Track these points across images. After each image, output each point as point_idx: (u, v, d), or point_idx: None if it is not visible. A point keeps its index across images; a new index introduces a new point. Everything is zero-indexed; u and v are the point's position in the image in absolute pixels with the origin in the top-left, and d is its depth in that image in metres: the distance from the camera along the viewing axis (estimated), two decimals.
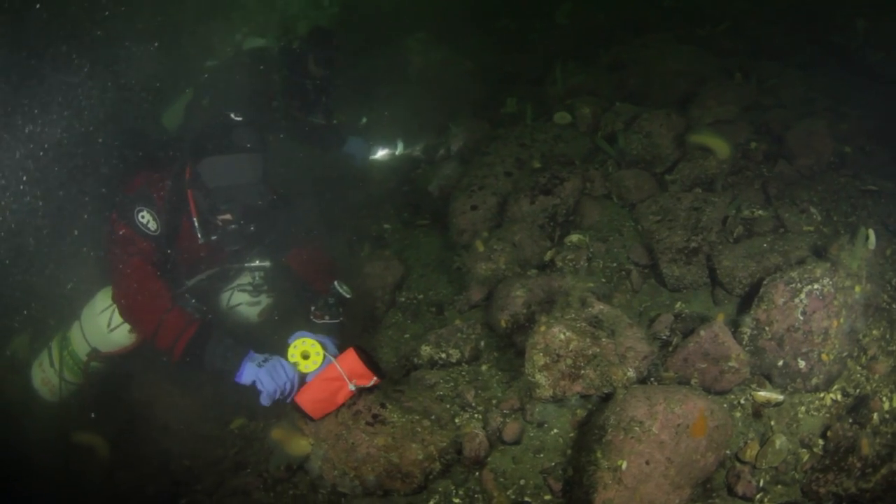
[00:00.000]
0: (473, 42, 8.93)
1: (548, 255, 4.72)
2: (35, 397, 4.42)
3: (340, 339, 4.01)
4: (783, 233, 4.40)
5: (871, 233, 3.70)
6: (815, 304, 3.49)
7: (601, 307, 3.75)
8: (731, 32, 7.38)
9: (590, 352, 3.50)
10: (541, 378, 3.56)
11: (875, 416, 3.26)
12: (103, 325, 4.09)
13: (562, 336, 3.53)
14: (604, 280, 4.49)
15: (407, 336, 4.68)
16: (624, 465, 2.99)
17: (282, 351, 3.71)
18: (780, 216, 4.55)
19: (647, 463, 2.99)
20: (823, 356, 3.47)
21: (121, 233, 3.87)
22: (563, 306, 3.74)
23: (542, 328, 3.59)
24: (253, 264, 4.37)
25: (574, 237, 4.77)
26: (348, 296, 4.22)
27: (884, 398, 3.37)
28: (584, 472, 3.13)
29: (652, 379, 3.59)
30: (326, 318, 4.20)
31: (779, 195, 4.77)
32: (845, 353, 3.56)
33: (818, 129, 5.09)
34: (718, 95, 5.65)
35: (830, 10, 7.08)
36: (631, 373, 3.49)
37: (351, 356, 3.57)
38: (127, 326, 4.04)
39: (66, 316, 4.34)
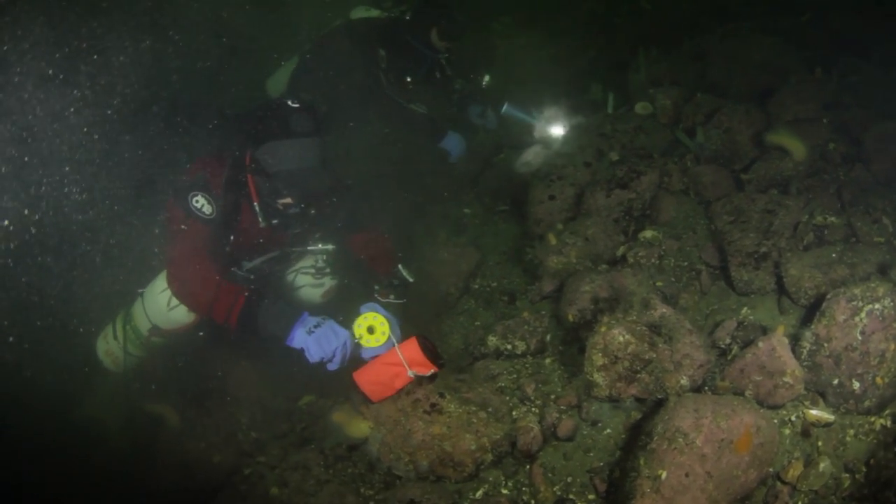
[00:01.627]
0: (558, 25, 8.65)
1: (620, 251, 4.62)
2: (99, 367, 4.63)
3: (404, 321, 4.05)
4: (854, 242, 4.15)
5: None
6: (874, 325, 3.28)
7: (663, 310, 3.66)
8: (814, 23, 6.91)
9: (646, 356, 3.43)
10: (598, 378, 3.51)
11: None
12: (163, 304, 4.24)
13: (621, 338, 3.46)
14: (673, 279, 4.36)
15: (477, 324, 4.69)
16: (664, 476, 2.92)
17: (347, 320, 3.77)
18: (852, 224, 4.27)
19: (687, 475, 2.91)
20: (878, 379, 3.27)
21: (176, 216, 3.96)
22: (625, 307, 3.67)
23: (603, 329, 3.53)
24: (315, 247, 4.41)
25: (648, 233, 4.65)
26: (411, 279, 4.32)
27: None
28: (627, 476, 3.08)
29: (707, 388, 3.49)
30: (391, 297, 4.30)
31: (853, 201, 4.49)
32: None
33: (894, 133, 4.74)
34: (798, 92, 5.32)
35: None
36: (685, 381, 3.40)
37: (413, 345, 3.62)
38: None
39: (131, 292, 4.50)
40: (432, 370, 3.64)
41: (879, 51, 6.22)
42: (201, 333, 4.39)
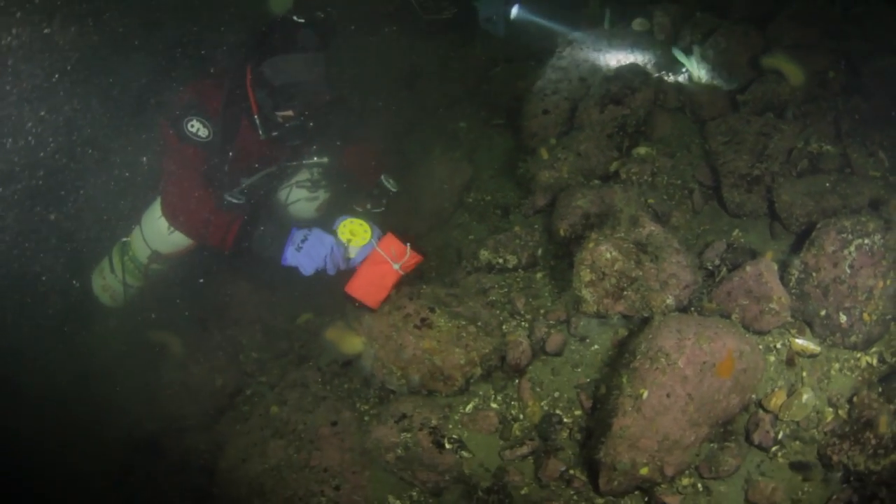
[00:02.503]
0: None
1: (613, 166, 4.55)
2: (95, 303, 4.65)
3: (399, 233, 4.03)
4: (848, 174, 4.07)
5: None
6: (863, 260, 3.24)
7: (652, 228, 3.62)
8: None
9: (633, 274, 3.42)
10: (586, 293, 3.51)
11: None
12: (163, 229, 4.23)
13: (608, 255, 3.45)
14: (665, 197, 4.31)
15: (471, 237, 4.69)
16: (645, 395, 2.94)
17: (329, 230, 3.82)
18: (848, 155, 4.18)
19: (668, 396, 2.93)
20: (865, 315, 3.24)
21: (170, 143, 3.96)
22: (613, 224, 3.64)
23: (591, 244, 3.51)
24: (311, 161, 4.40)
25: (642, 149, 4.58)
26: (394, 189, 4.37)
27: None
28: (611, 394, 3.11)
29: (693, 308, 3.47)
30: (368, 206, 4.37)
31: (850, 132, 4.37)
32: (889, 316, 3.29)
33: (894, 70, 4.57)
34: (799, 16, 5.12)
35: None
36: (670, 300, 3.39)
37: (389, 239, 3.71)
38: None
39: (125, 225, 4.50)
40: (416, 260, 3.73)
41: None
42: (205, 254, 4.40)
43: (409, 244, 3.73)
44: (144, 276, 4.48)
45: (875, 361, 3.27)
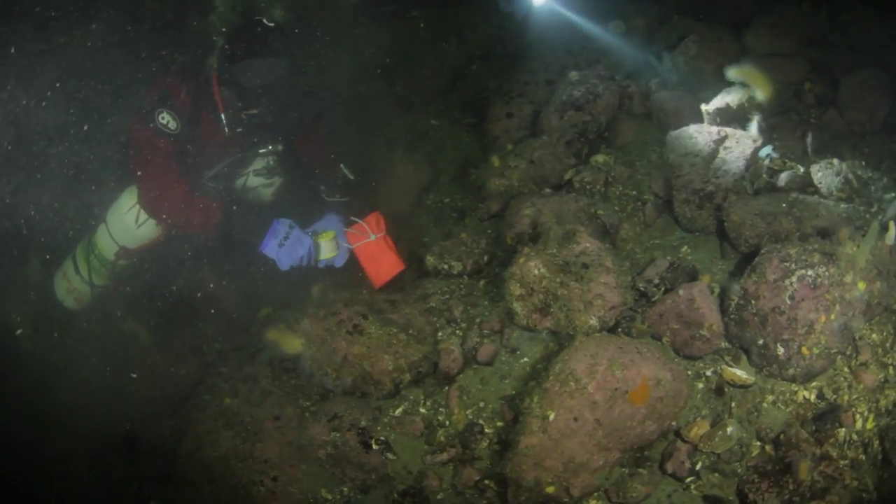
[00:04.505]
0: None
1: (568, 174, 4.49)
2: (59, 307, 4.68)
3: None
4: (811, 193, 3.87)
5: (892, 225, 3.20)
6: (804, 292, 3.07)
7: (587, 245, 3.54)
8: None
9: (558, 292, 3.38)
10: (517, 307, 3.50)
11: (841, 433, 2.91)
12: (131, 223, 4.29)
13: (536, 271, 3.42)
14: (616, 208, 4.25)
15: (426, 240, 4.71)
16: (552, 417, 2.90)
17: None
18: (812, 173, 3.95)
19: (575, 420, 2.89)
20: (804, 349, 3.08)
21: (143, 135, 4.05)
22: (546, 239, 3.58)
23: (522, 259, 3.48)
24: (266, 149, 4.46)
25: (600, 157, 4.52)
26: (352, 178, 4.53)
27: (857, 415, 2.97)
28: (521, 412, 3.08)
29: (621, 329, 3.42)
30: (337, 196, 4.52)
31: (820, 149, 4.24)
32: (835, 351, 3.12)
33: (875, 83, 4.42)
34: (776, 25, 4.99)
35: None
36: (593, 321, 3.34)
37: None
38: (154, 220, 4.24)
39: (87, 224, 4.53)
40: (399, 269, 4.19)
41: None
42: (171, 244, 4.47)
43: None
44: (111, 274, 4.54)
45: (813, 397, 3.13)
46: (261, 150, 4.46)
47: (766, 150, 4.15)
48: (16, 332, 4.77)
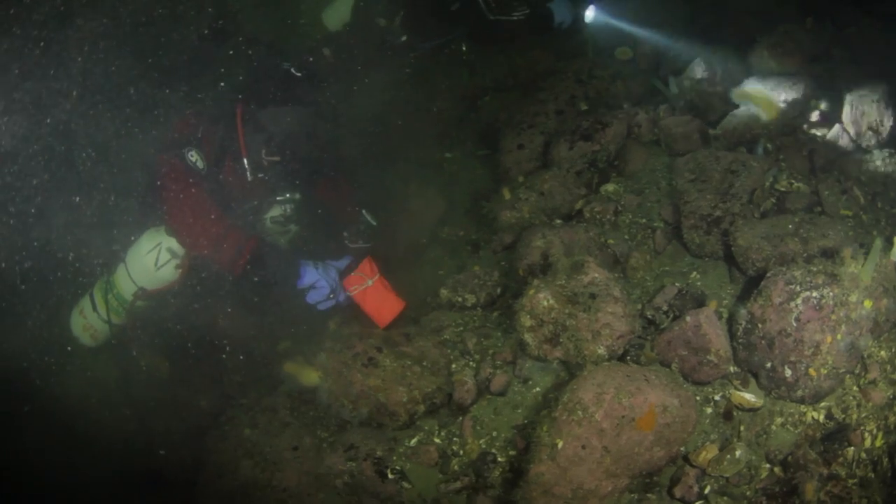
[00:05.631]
0: None
1: (578, 204, 4.64)
2: (75, 343, 4.82)
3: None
4: (818, 212, 3.97)
5: None
6: (809, 314, 3.14)
7: (595, 275, 3.68)
8: None
9: (567, 323, 3.52)
10: (528, 338, 3.63)
11: (850, 451, 2.98)
12: (150, 265, 4.42)
13: (545, 303, 3.56)
14: (626, 237, 4.39)
15: (442, 273, 4.87)
16: (560, 445, 3.03)
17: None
18: (819, 192, 4.07)
19: (583, 447, 3.01)
20: (811, 371, 3.15)
21: (172, 172, 4.19)
22: (556, 270, 3.73)
23: (532, 291, 3.62)
24: (283, 197, 4.63)
25: (610, 186, 4.66)
26: (374, 223, 4.66)
27: (867, 433, 3.02)
28: (531, 441, 3.22)
29: (629, 358, 3.55)
30: (360, 242, 4.66)
31: (826, 167, 4.30)
32: (843, 370, 3.19)
33: (881, 95, 4.44)
34: (780, 44, 5.08)
35: None
36: (602, 350, 3.47)
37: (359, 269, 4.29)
38: (174, 262, 4.39)
39: (106, 263, 4.66)
40: (400, 307, 4.23)
41: (886, 4, 5.85)
42: (192, 285, 4.59)
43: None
44: (128, 314, 4.66)
45: (822, 417, 3.19)
46: (278, 198, 4.63)
47: (773, 171, 4.24)
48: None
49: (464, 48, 5.75)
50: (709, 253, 4.09)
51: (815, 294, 3.16)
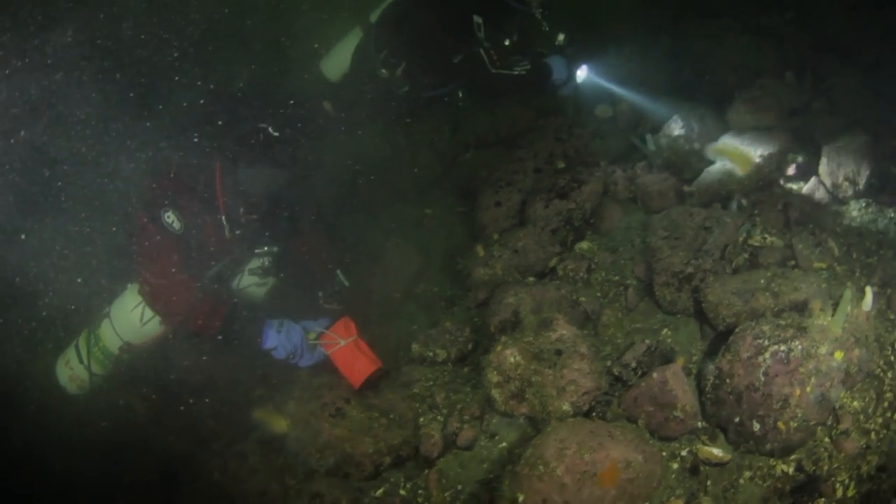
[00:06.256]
0: None
1: (552, 262, 4.74)
2: (61, 392, 4.82)
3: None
4: (792, 266, 4.03)
5: (869, 291, 3.37)
6: (777, 368, 3.21)
7: (563, 332, 3.78)
8: (798, 22, 6.69)
9: (533, 379, 3.59)
10: (495, 393, 3.70)
11: (821, 503, 3.02)
12: (136, 321, 4.50)
13: (511, 359, 3.65)
14: (599, 294, 4.47)
15: (415, 328, 4.91)
16: (521, 499, 3.07)
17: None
18: (793, 246, 4.13)
19: (544, 502, 3.05)
20: (780, 424, 3.19)
21: (149, 232, 4.29)
22: (523, 327, 3.82)
23: (499, 347, 3.71)
24: (262, 250, 4.74)
25: (584, 244, 4.76)
26: (347, 283, 4.74)
27: (838, 484, 3.06)
28: (495, 495, 3.27)
29: (595, 414, 3.61)
30: (334, 304, 4.70)
31: (801, 220, 4.38)
32: (813, 422, 3.23)
33: (858, 146, 4.52)
34: (757, 99, 5.19)
35: None
36: (566, 406, 3.53)
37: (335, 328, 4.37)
38: (158, 318, 4.46)
39: (92, 314, 4.72)
40: (376, 367, 4.25)
41: (865, 53, 6.00)
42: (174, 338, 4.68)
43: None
44: (113, 365, 4.73)
45: (791, 470, 3.21)
46: (256, 251, 4.74)
47: (746, 226, 4.33)
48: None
49: (460, 95, 5.72)
50: (680, 310, 4.15)
51: (783, 348, 3.23)
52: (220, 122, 4.33)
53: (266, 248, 4.73)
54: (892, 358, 3.43)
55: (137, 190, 4.44)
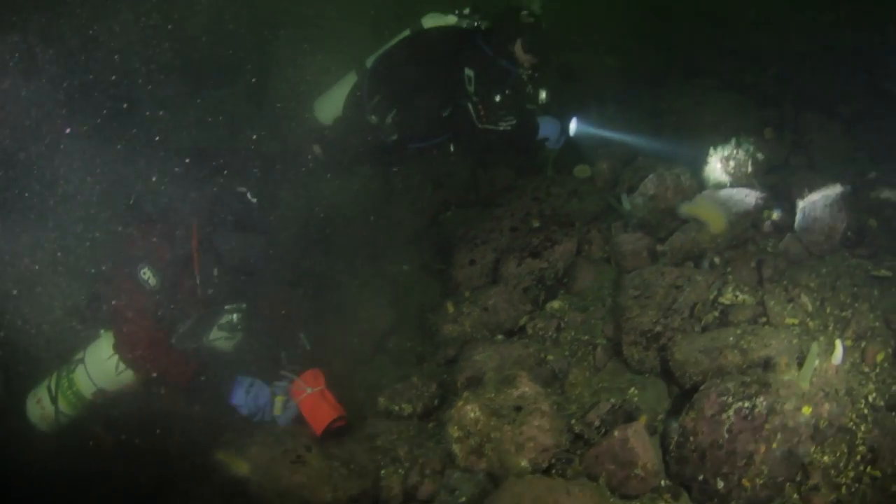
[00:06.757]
0: None
1: (522, 321, 4.82)
2: (30, 427, 4.87)
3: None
4: (764, 323, 4.06)
5: (838, 345, 3.42)
6: (741, 425, 3.25)
7: (525, 389, 3.83)
8: (779, 78, 6.93)
9: (492, 435, 3.63)
10: (455, 448, 3.74)
11: None
12: (111, 370, 4.60)
13: (472, 415, 3.70)
14: (567, 353, 4.51)
15: (384, 382, 4.91)
16: None
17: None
18: (764, 303, 4.16)
19: None
20: (745, 482, 3.21)
21: (124, 287, 4.45)
22: (486, 383, 3.88)
23: (460, 403, 3.78)
24: (231, 307, 4.84)
25: (555, 303, 4.83)
26: (308, 347, 4.85)
27: None
28: None
29: (555, 471, 3.62)
30: (297, 367, 4.70)
31: (773, 276, 4.39)
32: (781, 478, 3.25)
33: (834, 200, 4.56)
34: (733, 157, 5.18)
35: (888, 57, 6.47)
36: (525, 463, 3.57)
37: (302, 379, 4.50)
38: None
39: (65, 357, 4.80)
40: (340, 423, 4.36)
41: (847, 106, 6.11)
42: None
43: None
44: (85, 408, 4.78)
45: None
46: (226, 307, 4.85)
47: (717, 284, 4.37)
48: None
49: (451, 149, 5.82)
50: (648, 369, 4.20)
51: (746, 404, 3.28)
52: (199, 182, 4.50)
53: (235, 305, 4.84)
54: (866, 411, 3.45)
55: (113, 239, 4.59)
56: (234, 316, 4.86)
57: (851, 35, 7.46)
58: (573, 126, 5.72)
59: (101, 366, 4.64)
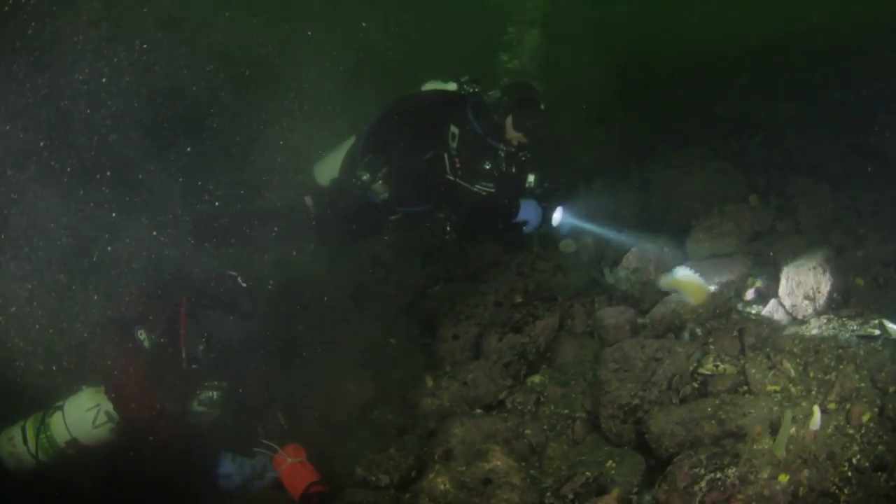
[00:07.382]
0: None
1: (502, 395, 4.91)
2: None
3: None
4: (744, 392, 4.08)
5: (816, 411, 3.47)
6: (714, 496, 3.26)
7: (497, 463, 3.91)
8: (767, 143, 7.06)
9: None
10: None
11: None
12: (88, 422, 4.71)
13: (441, 487, 3.80)
14: (545, 427, 4.56)
15: (365, 452, 4.95)
16: None
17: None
18: (746, 371, 4.16)
19: None
20: None
21: (122, 343, 4.61)
22: (457, 456, 3.95)
23: (431, 475, 3.88)
24: (212, 383, 4.99)
25: (536, 378, 4.91)
26: (285, 426, 4.99)
27: None
28: None
29: None
30: (273, 443, 4.82)
31: (756, 344, 4.41)
32: None
33: (819, 263, 4.59)
34: (716, 226, 5.39)
35: (875, 113, 6.62)
36: None
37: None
38: (110, 424, 4.69)
39: (43, 399, 4.90)
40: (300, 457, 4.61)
41: (834, 166, 6.19)
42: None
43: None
44: (56, 456, 4.84)
45: None
46: (206, 384, 4.99)
47: (696, 355, 4.41)
48: None
49: (448, 229, 5.83)
50: (626, 441, 4.22)
51: (718, 475, 3.30)
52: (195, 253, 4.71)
53: (216, 383, 4.99)
54: (850, 473, 3.40)
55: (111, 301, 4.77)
56: (214, 393, 5.01)
57: (839, 93, 7.68)
58: (557, 217, 5.51)
59: (79, 416, 4.75)
